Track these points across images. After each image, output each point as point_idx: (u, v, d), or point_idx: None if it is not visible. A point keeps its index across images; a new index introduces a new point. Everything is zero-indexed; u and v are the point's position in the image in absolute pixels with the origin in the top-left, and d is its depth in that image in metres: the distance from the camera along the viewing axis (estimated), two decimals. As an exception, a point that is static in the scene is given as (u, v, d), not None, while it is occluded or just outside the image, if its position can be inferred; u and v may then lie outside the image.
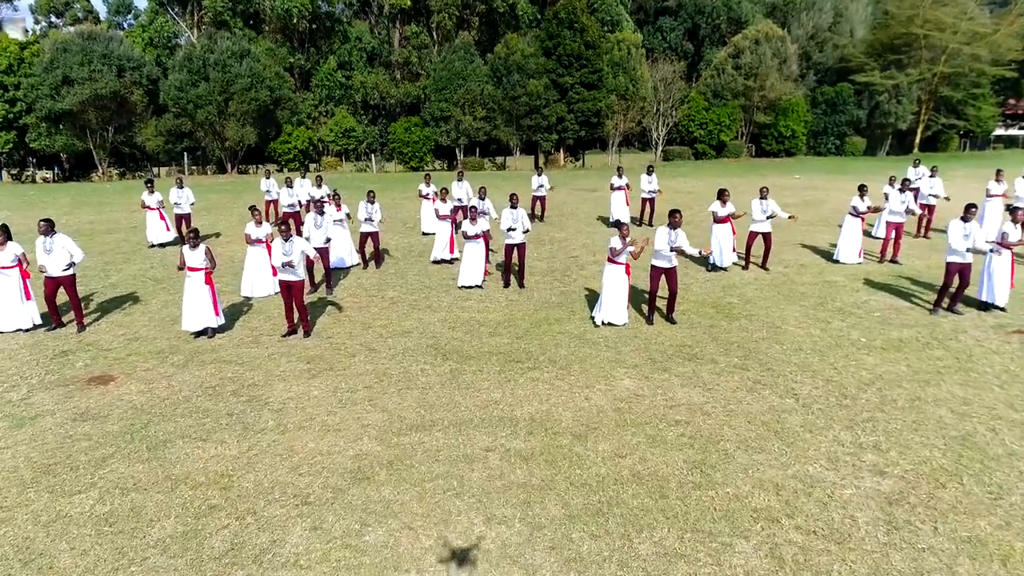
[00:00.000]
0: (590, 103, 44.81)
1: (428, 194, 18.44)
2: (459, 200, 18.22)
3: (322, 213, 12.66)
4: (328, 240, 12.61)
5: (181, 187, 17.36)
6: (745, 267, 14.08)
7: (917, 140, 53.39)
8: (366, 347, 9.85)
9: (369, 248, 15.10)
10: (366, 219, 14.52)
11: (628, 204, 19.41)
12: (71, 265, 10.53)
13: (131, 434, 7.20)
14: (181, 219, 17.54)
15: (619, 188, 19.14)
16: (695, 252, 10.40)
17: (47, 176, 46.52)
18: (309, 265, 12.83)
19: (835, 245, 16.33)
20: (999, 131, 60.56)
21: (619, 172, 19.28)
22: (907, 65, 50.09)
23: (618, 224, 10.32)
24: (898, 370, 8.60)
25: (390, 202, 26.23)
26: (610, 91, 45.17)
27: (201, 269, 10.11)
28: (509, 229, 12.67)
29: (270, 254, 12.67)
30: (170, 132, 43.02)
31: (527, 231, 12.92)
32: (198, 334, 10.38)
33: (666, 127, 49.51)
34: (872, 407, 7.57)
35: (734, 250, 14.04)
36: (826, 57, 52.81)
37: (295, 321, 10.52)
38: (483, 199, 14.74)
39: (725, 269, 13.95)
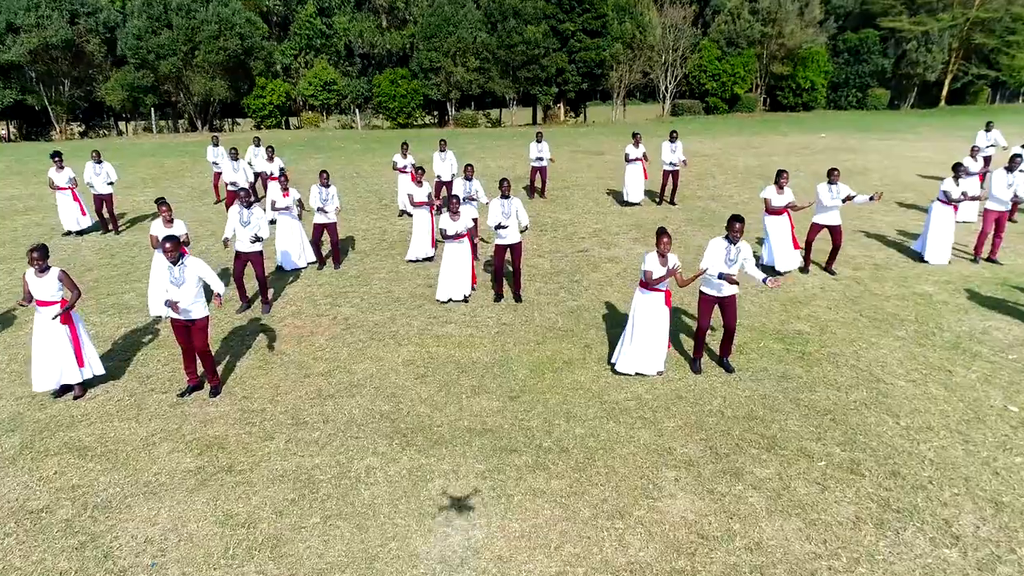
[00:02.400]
0: (593, 52, 40.93)
1: (404, 167, 15.20)
2: (440, 176, 15.03)
3: (250, 205, 9.44)
4: (258, 240, 9.44)
5: (99, 162, 14.06)
6: (804, 269, 10.98)
7: (944, 92, 49.62)
8: (293, 417, 6.82)
9: (326, 244, 11.97)
10: (319, 208, 11.36)
11: (646, 178, 16.19)
12: None
13: None
14: (101, 201, 14.31)
15: (635, 160, 15.88)
16: (759, 277, 7.27)
17: (2, 133, 42.77)
18: (238, 277, 9.75)
19: (903, 232, 13.26)
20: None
21: (635, 140, 15.99)
22: (938, 9, 46.04)
23: (658, 230, 7.15)
24: (1097, 478, 5.62)
25: (369, 170, 22.89)
26: (615, 39, 41.25)
27: (53, 303, 6.99)
28: (498, 227, 9.56)
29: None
30: (133, 86, 39.14)
31: (525, 229, 9.81)
32: (61, 391, 7.34)
33: (675, 79, 45.66)
34: (1096, 572, 4.61)
35: (798, 247, 10.89)
36: (848, 0, 48.62)
37: (199, 374, 7.48)
38: (469, 180, 11.55)
39: (781, 273, 10.87)
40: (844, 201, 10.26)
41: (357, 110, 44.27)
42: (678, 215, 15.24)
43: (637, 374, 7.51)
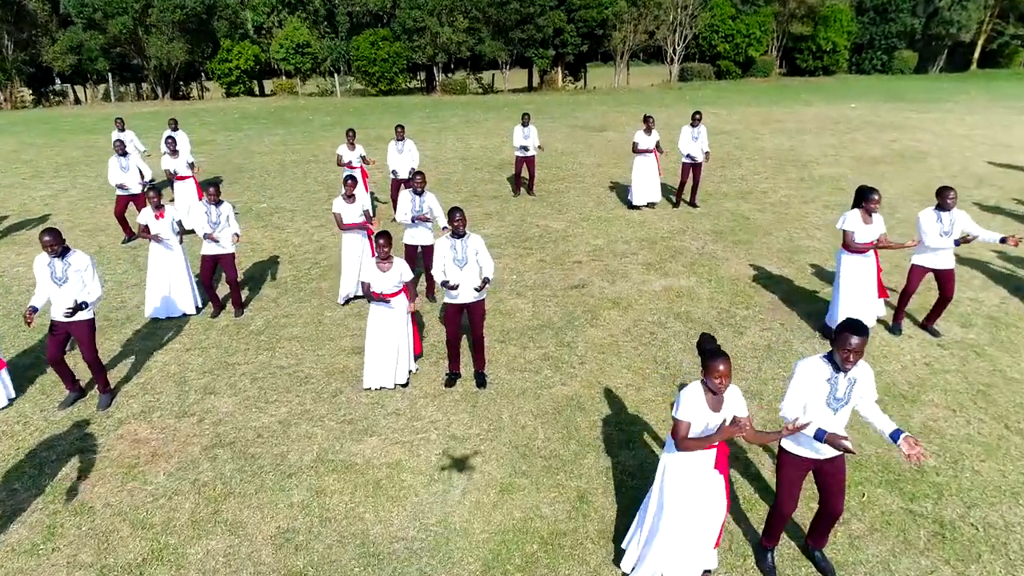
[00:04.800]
0: (594, 11, 36.93)
1: (351, 162, 11.80)
2: (395, 173, 11.69)
3: (64, 254, 6.09)
4: (81, 307, 6.12)
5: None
6: (896, 329, 7.66)
7: (977, 54, 45.60)
8: None
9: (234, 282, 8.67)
10: (205, 234, 8.04)
11: (661, 173, 12.78)
12: None
13: None
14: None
15: (646, 151, 12.46)
16: (887, 431, 3.96)
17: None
18: (54, 358, 6.44)
19: (1002, 255, 9.96)
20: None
21: (647, 126, 12.52)
22: (975, -38, 41.86)
23: (708, 349, 3.84)
24: None
25: (330, 152, 19.38)
26: (619, -5, 37.20)
27: None
28: (444, 284, 6.29)
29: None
30: (81, 48, 35.23)
31: (483, 284, 6.41)
32: None
33: (683, 40, 41.65)
34: None
35: (884, 295, 7.56)
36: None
37: None
38: (419, 194, 8.21)
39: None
40: (958, 243, 6.96)
41: (336, 75, 40.38)
42: (702, 223, 11.89)
43: (665, 583, 4.32)
